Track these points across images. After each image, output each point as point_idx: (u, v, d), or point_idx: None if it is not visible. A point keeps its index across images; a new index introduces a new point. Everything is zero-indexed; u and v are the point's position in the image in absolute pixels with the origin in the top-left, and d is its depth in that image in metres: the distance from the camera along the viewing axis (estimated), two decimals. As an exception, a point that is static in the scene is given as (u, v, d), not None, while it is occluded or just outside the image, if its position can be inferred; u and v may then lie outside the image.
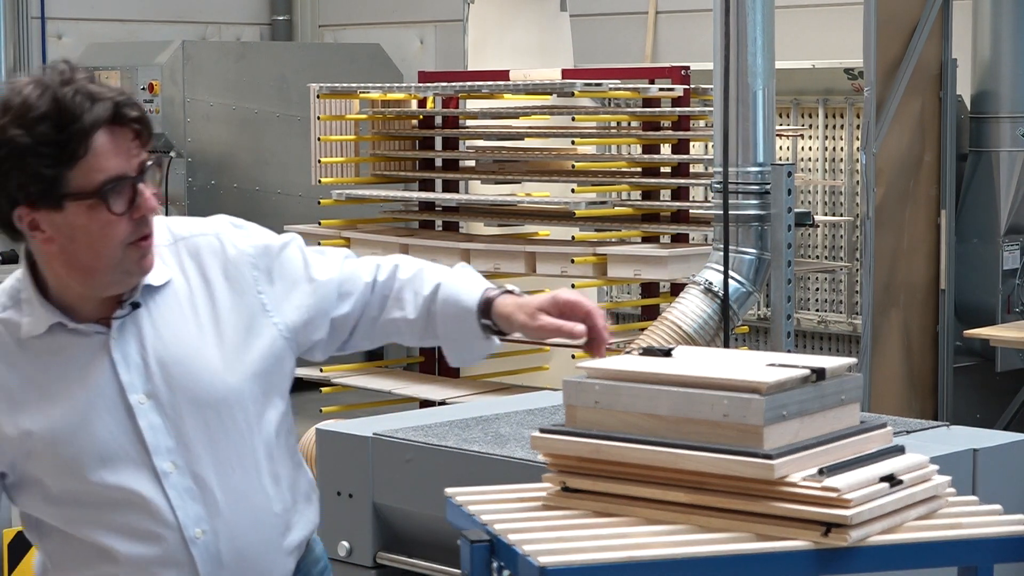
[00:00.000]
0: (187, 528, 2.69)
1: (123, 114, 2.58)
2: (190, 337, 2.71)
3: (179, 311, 2.73)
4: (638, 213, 6.61)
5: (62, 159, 2.55)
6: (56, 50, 11.60)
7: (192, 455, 2.69)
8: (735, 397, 2.40)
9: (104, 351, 2.68)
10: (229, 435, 2.71)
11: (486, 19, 8.12)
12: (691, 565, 2.31)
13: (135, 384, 2.68)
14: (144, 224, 2.64)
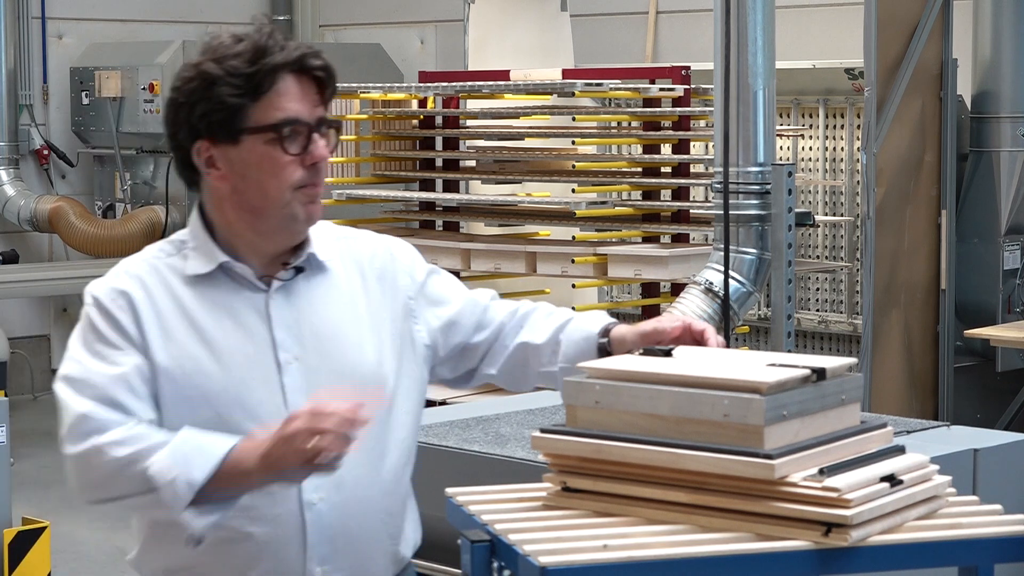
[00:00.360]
0: (306, 491, 2.74)
1: (308, 63, 2.73)
2: (344, 317, 2.81)
3: (336, 292, 2.83)
4: (638, 213, 6.62)
5: (247, 91, 2.69)
6: (56, 50, 11.60)
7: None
8: (736, 397, 2.40)
9: (262, 306, 2.78)
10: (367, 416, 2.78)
11: (487, 19, 8.12)
12: (691, 565, 2.31)
13: (286, 344, 2.76)
14: (315, 173, 2.74)
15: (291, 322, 2.78)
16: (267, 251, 2.78)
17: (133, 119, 11.02)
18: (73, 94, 11.40)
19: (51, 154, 11.46)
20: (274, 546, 2.75)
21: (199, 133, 2.72)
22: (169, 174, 10.90)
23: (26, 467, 8.95)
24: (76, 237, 10.87)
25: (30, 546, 5.92)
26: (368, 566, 2.81)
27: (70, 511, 8.03)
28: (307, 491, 2.73)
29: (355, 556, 2.79)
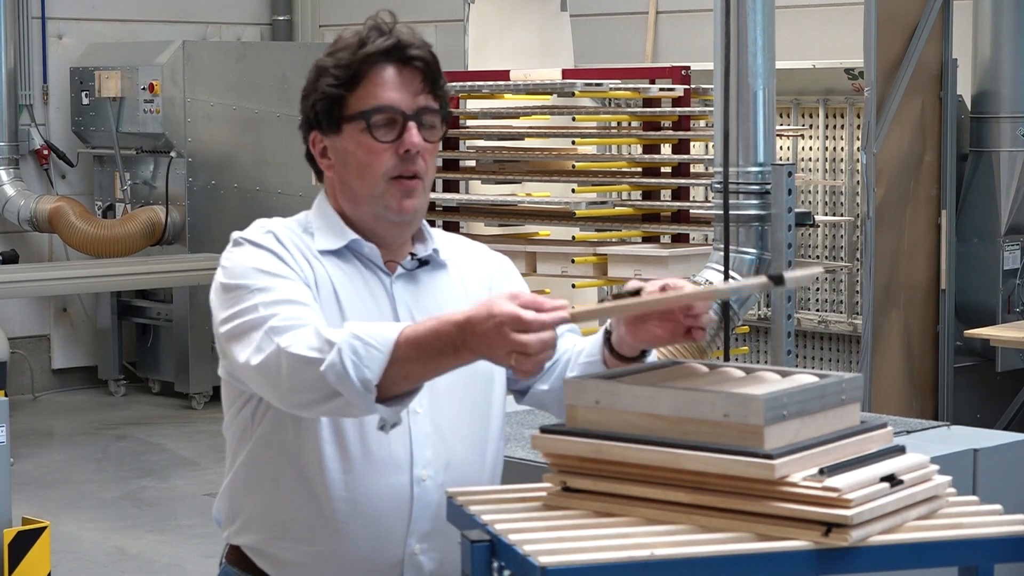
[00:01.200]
0: (417, 467, 2.80)
1: (406, 53, 2.83)
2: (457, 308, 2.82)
3: (452, 290, 2.91)
4: (638, 213, 6.61)
5: (345, 80, 2.79)
6: (56, 50, 11.60)
7: (438, 405, 2.82)
8: (736, 397, 2.40)
9: (386, 288, 2.85)
10: (474, 405, 2.87)
11: (486, 19, 8.13)
12: (691, 565, 2.31)
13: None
14: (409, 161, 2.80)
15: (412, 306, 2.85)
16: (376, 240, 2.86)
17: (133, 119, 11.02)
18: (73, 94, 11.40)
19: (51, 154, 11.46)
20: (379, 516, 2.79)
21: (311, 124, 2.85)
22: (169, 174, 10.90)
23: (26, 467, 8.96)
24: (76, 237, 10.88)
25: (30, 546, 5.92)
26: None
27: (70, 511, 8.03)
28: (418, 466, 2.79)
29: (452, 538, 2.78)
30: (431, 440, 2.81)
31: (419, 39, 2.88)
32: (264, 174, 10.96)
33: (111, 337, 11.22)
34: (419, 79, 2.82)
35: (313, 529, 2.81)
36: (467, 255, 3.00)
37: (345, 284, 2.83)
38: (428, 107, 2.82)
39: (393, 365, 2.59)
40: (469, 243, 3.05)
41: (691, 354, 5.47)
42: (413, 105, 2.80)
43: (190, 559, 7.17)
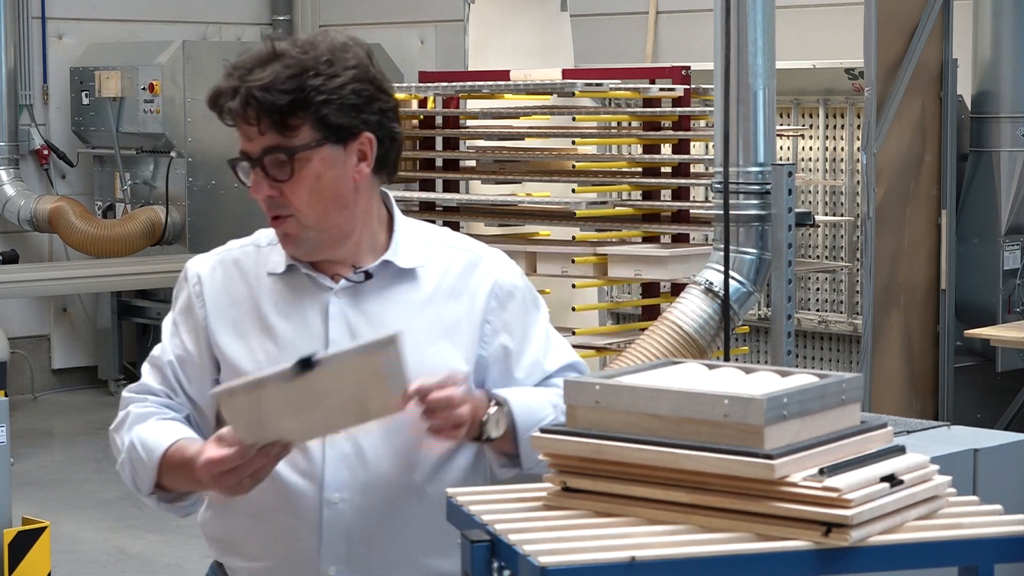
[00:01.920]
0: (328, 489, 2.77)
1: (220, 103, 2.85)
2: (409, 324, 2.78)
3: (407, 298, 2.84)
4: (639, 213, 6.61)
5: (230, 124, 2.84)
6: (56, 50, 11.60)
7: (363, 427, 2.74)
8: (736, 397, 2.40)
9: (324, 304, 2.82)
10: (404, 424, 2.76)
11: (487, 19, 8.12)
12: (691, 565, 2.31)
13: (339, 342, 2.78)
14: (266, 206, 2.79)
15: (352, 323, 2.81)
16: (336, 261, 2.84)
17: (133, 119, 11.02)
18: (73, 94, 11.40)
19: (51, 154, 11.46)
20: (292, 535, 2.79)
21: None
22: (169, 174, 10.90)
23: (26, 467, 8.96)
24: (76, 237, 10.87)
25: (30, 546, 5.92)
26: (387, 573, 2.81)
27: (70, 511, 8.03)
28: (329, 489, 2.76)
29: (373, 561, 2.80)
30: (348, 462, 2.77)
31: (253, 79, 2.78)
32: (264, 174, 10.95)
33: (111, 337, 11.22)
34: (252, 120, 2.78)
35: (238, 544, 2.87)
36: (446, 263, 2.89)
37: (280, 306, 2.83)
38: (273, 146, 2.75)
39: (162, 476, 2.76)
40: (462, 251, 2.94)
41: (691, 354, 5.48)
42: (258, 148, 2.77)
43: (190, 559, 7.17)
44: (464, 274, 2.89)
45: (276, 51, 2.77)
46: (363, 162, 2.79)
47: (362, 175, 2.80)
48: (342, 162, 2.77)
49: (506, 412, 2.80)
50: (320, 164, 2.75)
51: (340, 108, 2.74)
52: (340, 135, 2.76)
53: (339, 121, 2.75)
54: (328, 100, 2.73)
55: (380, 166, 2.83)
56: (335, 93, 2.73)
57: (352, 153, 2.78)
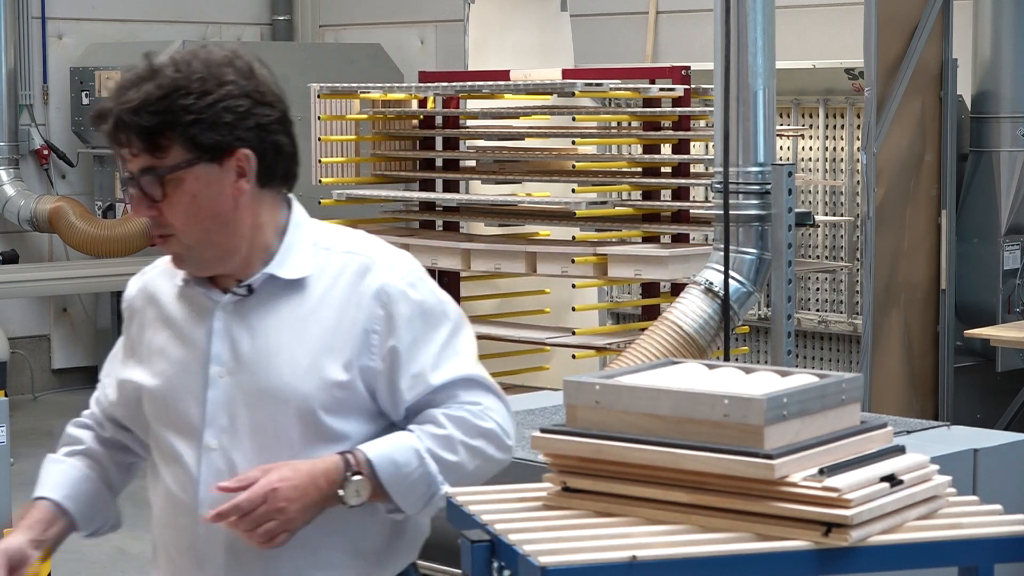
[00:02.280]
0: (202, 505, 2.77)
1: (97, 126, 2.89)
2: (292, 337, 2.78)
3: (295, 310, 2.80)
4: (639, 213, 6.61)
5: None
6: (56, 50, 11.60)
7: (236, 442, 2.77)
8: (736, 397, 2.40)
9: (209, 319, 2.82)
10: (279, 440, 2.76)
11: (487, 19, 8.12)
12: (691, 565, 2.31)
13: (221, 357, 2.79)
14: (150, 225, 2.80)
15: (235, 337, 2.80)
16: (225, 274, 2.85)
17: (133, 119, 11.01)
18: (73, 94, 11.39)
19: (51, 154, 11.46)
20: (175, 557, 2.86)
21: None
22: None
23: (26, 467, 8.93)
24: (76, 237, 10.87)
25: (30, 546, 5.90)
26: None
27: (70, 511, 8.02)
28: (204, 506, 2.77)
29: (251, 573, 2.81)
30: (222, 477, 2.76)
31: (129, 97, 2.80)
32: (264, 174, 10.94)
33: (111, 337, 11.21)
34: (123, 143, 2.81)
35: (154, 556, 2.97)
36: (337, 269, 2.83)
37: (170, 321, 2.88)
38: (146, 168, 2.78)
39: None
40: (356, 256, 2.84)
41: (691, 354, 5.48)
42: (134, 169, 2.81)
43: (190, 559, 7.17)
44: (355, 280, 2.81)
45: (152, 70, 2.80)
46: (242, 178, 2.76)
47: (242, 191, 2.76)
48: (218, 180, 2.74)
49: (369, 474, 2.72)
50: (195, 183, 2.74)
51: (211, 126, 2.72)
52: (213, 153, 2.73)
53: (210, 139, 2.72)
54: (198, 119, 2.71)
55: (267, 179, 2.80)
56: (205, 112, 2.71)
57: (229, 170, 2.75)
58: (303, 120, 7.88)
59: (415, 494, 2.76)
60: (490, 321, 7.18)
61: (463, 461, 2.79)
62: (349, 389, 2.77)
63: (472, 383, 2.83)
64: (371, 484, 2.73)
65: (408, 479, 2.74)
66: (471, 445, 2.79)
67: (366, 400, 2.79)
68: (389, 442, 2.76)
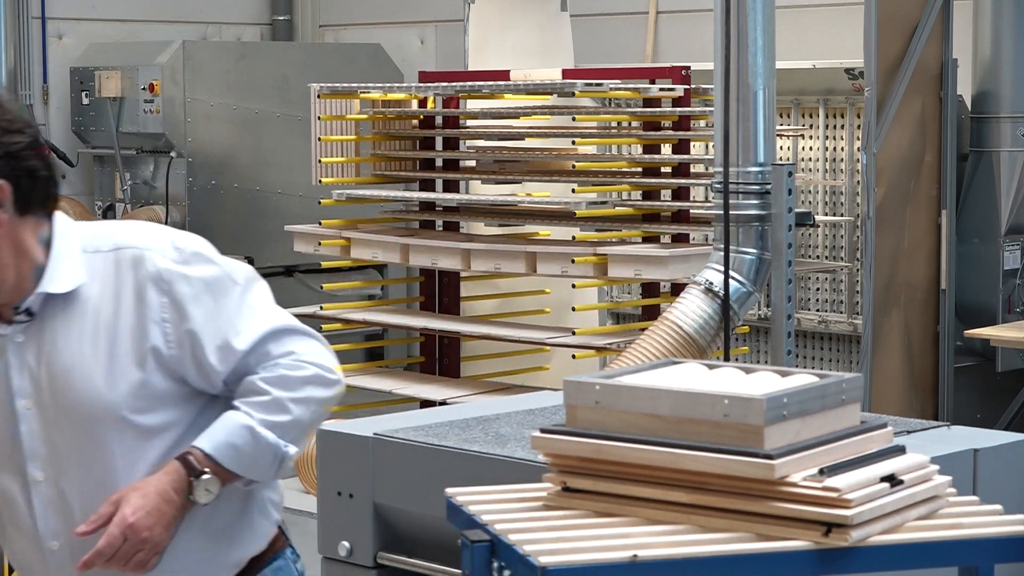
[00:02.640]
0: (44, 539, 2.77)
1: None
2: (81, 349, 2.73)
3: (79, 321, 2.75)
4: (639, 213, 6.61)
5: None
6: (56, 50, 11.60)
7: (61, 468, 2.74)
8: (736, 397, 2.40)
9: (3, 353, 2.76)
10: (101, 454, 2.73)
11: (487, 19, 8.12)
12: (691, 565, 2.31)
13: (25, 389, 2.74)
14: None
15: (31, 364, 2.75)
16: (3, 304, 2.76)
17: (133, 119, 11.01)
18: (73, 94, 11.39)
19: (51, 154, 11.46)
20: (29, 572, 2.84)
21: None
22: (169, 174, 10.90)
23: (26, 467, 8.95)
24: (76, 237, 10.86)
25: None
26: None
27: (70, 511, 8.02)
28: (46, 539, 2.77)
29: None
30: (56, 506, 2.76)
31: None
32: (264, 174, 10.94)
33: (111, 337, 11.20)
34: None
35: None
36: (110, 270, 2.81)
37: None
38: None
39: None
40: (125, 251, 2.83)
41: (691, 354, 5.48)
42: None
43: (190, 559, 7.16)
44: (129, 275, 2.78)
45: None
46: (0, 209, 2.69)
47: (0, 223, 2.74)
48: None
49: (213, 468, 2.72)
50: None
51: None
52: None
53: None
54: None
55: (25, 206, 2.80)
56: None
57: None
58: (303, 120, 7.90)
59: (264, 464, 2.75)
60: (490, 321, 7.18)
61: (297, 416, 2.77)
62: (151, 385, 2.75)
63: (279, 334, 2.79)
64: (219, 475, 2.72)
65: (251, 456, 2.73)
66: (299, 398, 2.77)
67: (174, 388, 2.77)
68: (221, 429, 2.74)
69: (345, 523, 3.88)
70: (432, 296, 7.45)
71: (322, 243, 7.07)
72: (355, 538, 3.89)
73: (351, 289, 8.71)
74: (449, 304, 7.42)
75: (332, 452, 3.93)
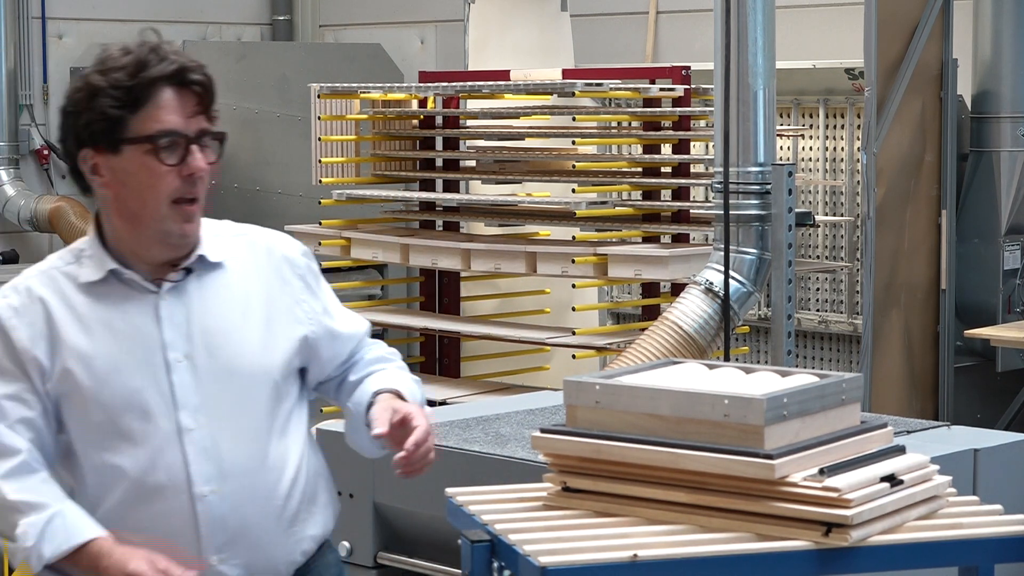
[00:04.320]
0: (196, 484, 2.85)
1: (186, 77, 2.87)
2: (235, 314, 2.93)
3: (228, 290, 2.95)
4: (639, 213, 6.61)
5: (127, 103, 2.82)
6: (56, 50, 11.60)
7: (212, 417, 2.87)
8: (736, 397, 2.40)
9: (152, 307, 2.89)
10: (252, 409, 2.91)
11: (487, 19, 8.12)
12: (691, 565, 2.31)
13: (176, 343, 2.88)
14: (191, 185, 2.89)
15: (181, 321, 2.89)
16: (150, 259, 2.90)
17: (133, 119, 11.02)
18: (73, 94, 11.40)
19: (51, 154, 11.46)
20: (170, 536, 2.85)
21: (83, 142, 2.86)
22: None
23: (26, 467, 8.94)
24: (76, 237, 10.75)
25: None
26: (265, 553, 2.91)
27: (70, 511, 8.01)
28: (197, 484, 2.85)
29: (250, 544, 2.89)
30: (207, 453, 2.86)
31: (196, 61, 2.92)
32: (264, 174, 10.94)
33: (111, 337, 11.20)
34: (196, 102, 2.90)
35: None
36: (250, 246, 3.03)
37: (105, 318, 2.88)
38: (206, 130, 2.91)
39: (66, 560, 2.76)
40: (253, 230, 3.07)
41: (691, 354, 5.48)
42: (193, 128, 2.88)
43: (190, 559, 7.16)
44: (262, 257, 3.01)
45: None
46: None
47: None
48: None
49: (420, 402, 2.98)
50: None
51: None
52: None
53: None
54: None
55: None
56: None
57: None
58: (303, 120, 7.89)
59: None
60: (490, 321, 7.18)
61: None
62: (291, 356, 2.96)
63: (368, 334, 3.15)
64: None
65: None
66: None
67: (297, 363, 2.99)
68: (397, 378, 3.02)
69: (345, 523, 3.87)
70: (432, 296, 7.45)
71: (322, 243, 7.06)
72: (355, 538, 3.89)
73: (351, 289, 8.71)
74: (449, 304, 7.42)
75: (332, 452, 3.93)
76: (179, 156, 2.86)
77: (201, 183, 2.90)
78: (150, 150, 2.83)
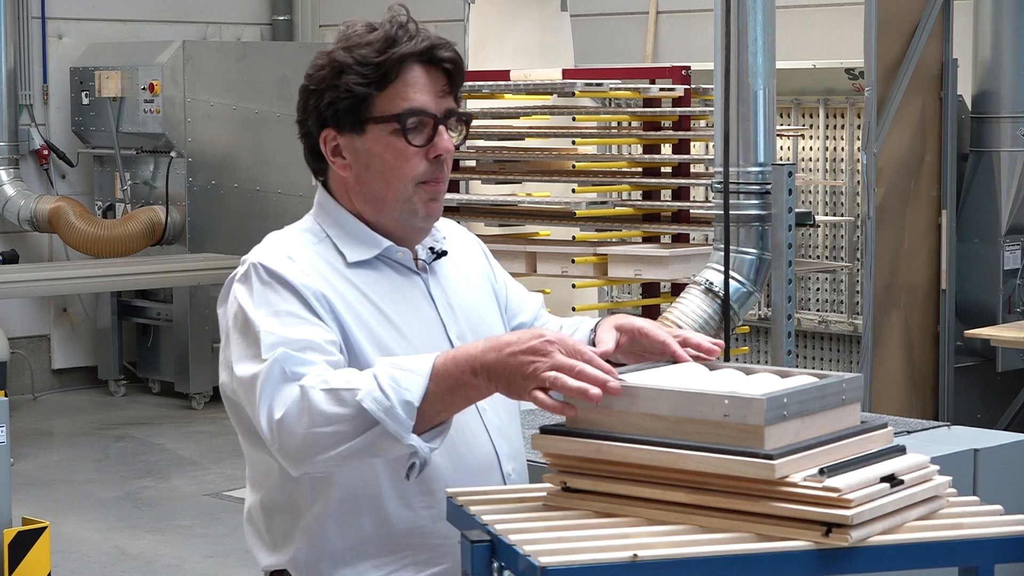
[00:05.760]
0: (504, 463, 2.82)
1: (436, 54, 2.73)
2: (472, 295, 2.91)
3: (458, 271, 2.91)
4: (639, 213, 6.62)
5: (374, 80, 2.69)
6: (56, 50, 11.60)
7: (494, 398, 2.67)
8: (736, 397, 2.40)
9: (424, 288, 2.83)
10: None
11: (487, 19, 8.12)
12: (691, 565, 2.31)
13: (450, 323, 2.82)
14: (438, 166, 2.75)
15: (444, 303, 2.84)
16: (392, 240, 2.81)
17: (133, 119, 11.02)
18: (73, 94, 11.40)
19: (51, 154, 11.46)
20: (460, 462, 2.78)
21: (326, 121, 2.74)
22: (169, 174, 10.90)
23: (26, 467, 8.96)
24: (76, 237, 10.87)
25: (30, 546, 5.91)
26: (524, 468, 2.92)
27: (70, 511, 8.02)
28: (505, 464, 2.83)
29: (520, 456, 2.90)
30: (501, 432, 2.83)
31: (445, 39, 2.77)
32: (264, 174, 10.95)
33: (111, 337, 11.22)
34: (445, 81, 2.75)
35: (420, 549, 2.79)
36: (454, 239, 2.98)
37: (387, 294, 2.77)
38: (453, 110, 2.76)
39: (431, 390, 2.50)
40: (447, 224, 2.99)
41: (691, 354, 5.47)
42: (441, 108, 2.74)
43: (190, 559, 7.16)
44: (461, 245, 2.97)
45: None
46: None
47: None
48: None
49: None
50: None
51: None
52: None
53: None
54: None
55: None
56: None
57: None
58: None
59: None
60: (490, 321, 7.18)
61: None
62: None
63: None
64: None
65: None
66: None
67: None
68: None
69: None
70: (432, 296, 7.45)
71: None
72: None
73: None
74: (449, 304, 7.43)
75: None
76: (426, 136, 2.72)
77: (447, 165, 2.75)
78: (396, 130, 2.70)
